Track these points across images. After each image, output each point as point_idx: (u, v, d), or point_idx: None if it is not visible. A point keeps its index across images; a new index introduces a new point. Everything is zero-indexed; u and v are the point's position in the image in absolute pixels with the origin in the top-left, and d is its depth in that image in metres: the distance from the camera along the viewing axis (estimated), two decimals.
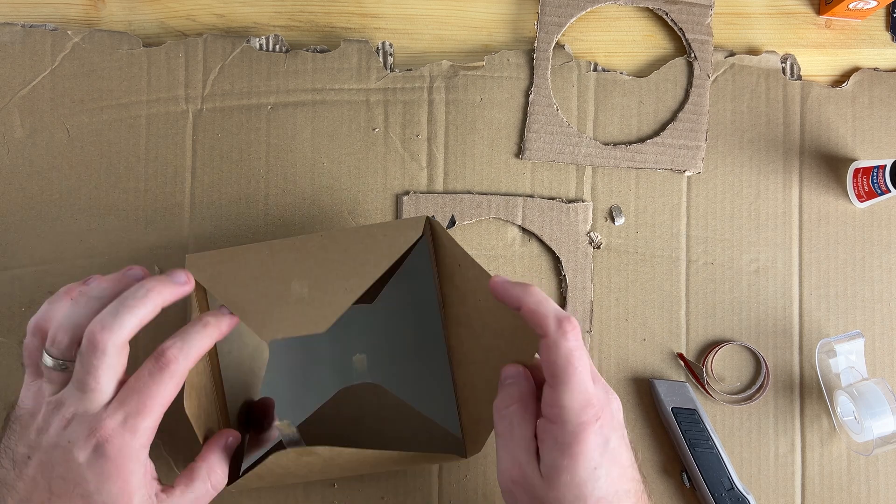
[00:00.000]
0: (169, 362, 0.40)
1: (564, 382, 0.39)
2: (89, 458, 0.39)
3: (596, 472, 0.39)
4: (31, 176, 0.53)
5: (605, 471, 0.39)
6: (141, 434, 0.39)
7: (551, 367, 0.39)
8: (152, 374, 0.39)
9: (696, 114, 0.55)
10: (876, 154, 0.56)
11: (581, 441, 0.38)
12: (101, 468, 0.39)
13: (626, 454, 0.41)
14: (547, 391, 0.40)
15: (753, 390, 0.54)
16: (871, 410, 0.50)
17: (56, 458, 0.39)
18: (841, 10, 0.56)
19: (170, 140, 0.54)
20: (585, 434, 0.38)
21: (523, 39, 0.57)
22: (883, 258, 0.55)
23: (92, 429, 0.39)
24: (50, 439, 0.39)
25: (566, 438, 0.39)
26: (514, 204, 0.54)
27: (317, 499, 0.52)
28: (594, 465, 0.39)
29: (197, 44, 0.54)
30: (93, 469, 0.39)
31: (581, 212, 0.54)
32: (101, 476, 0.39)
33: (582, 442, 0.38)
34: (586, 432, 0.39)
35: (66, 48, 0.54)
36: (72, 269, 0.53)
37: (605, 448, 0.39)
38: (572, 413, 0.39)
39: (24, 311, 0.52)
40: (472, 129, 0.55)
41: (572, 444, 0.38)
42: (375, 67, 0.55)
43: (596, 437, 0.39)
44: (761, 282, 0.55)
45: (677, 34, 0.56)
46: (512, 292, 0.42)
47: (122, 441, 0.39)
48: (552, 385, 0.39)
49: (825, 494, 0.53)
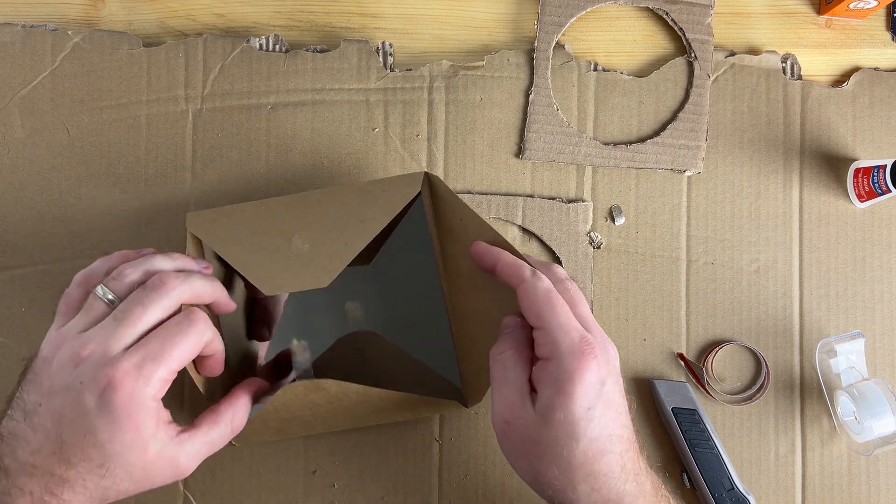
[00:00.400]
0: (199, 319, 0.40)
1: (550, 317, 0.40)
2: (98, 404, 0.38)
3: (590, 412, 0.39)
4: (31, 176, 0.53)
5: (599, 412, 0.39)
6: (153, 383, 0.39)
7: (533, 308, 0.41)
8: (180, 323, 0.40)
9: (697, 114, 0.55)
10: (876, 154, 0.56)
11: (576, 379, 0.39)
12: (111, 415, 0.38)
13: (620, 400, 0.41)
14: (537, 334, 0.41)
15: (754, 390, 0.54)
16: (871, 410, 0.50)
17: (66, 403, 0.38)
18: (841, 9, 0.56)
19: (170, 140, 0.54)
20: (580, 373, 0.39)
21: (523, 39, 0.57)
22: (883, 258, 0.55)
23: (104, 370, 0.38)
24: (62, 381, 0.39)
25: (562, 375, 0.39)
26: (514, 204, 0.54)
27: (317, 499, 0.52)
28: (588, 405, 0.39)
29: (197, 44, 0.54)
30: (103, 416, 0.38)
31: (581, 212, 0.54)
32: (112, 425, 0.38)
33: (577, 380, 0.39)
34: (580, 371, 0.39)
35: (66, 48, 0.54)
36: (72, 268, 0.52)
37: (601, 390, 0.39)
38: (564, 346, 0.39)
39: (24, 310, 0.52)
40: (472, 129, 0.55)
41: (567, 380, 0.39)
42: (375, 67, 0.55)
43: (592, 375, 0.39)
44: (762, 282, 0.55)
45: (677, 34, 0.56)
46: (487, 254, 0.44)
47: (134, 387, 0.38)
48: (539, 325, 0.40)
49: (826, 495, 0.53)
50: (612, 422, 0.40)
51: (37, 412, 0.39)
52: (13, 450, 0.39)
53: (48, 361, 0.40)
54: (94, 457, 0.38)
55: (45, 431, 0.38)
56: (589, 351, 0.39)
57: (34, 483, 0.38)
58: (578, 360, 0.39)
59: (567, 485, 0.39)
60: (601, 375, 0.39)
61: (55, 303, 0.52)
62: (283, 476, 0.52)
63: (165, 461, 0.40)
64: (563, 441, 0.39)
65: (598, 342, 0.40)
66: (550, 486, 0.40)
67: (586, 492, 0.39)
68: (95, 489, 0.39)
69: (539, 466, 0.40)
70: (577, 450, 0.39)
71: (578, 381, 0.39)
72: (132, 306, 0.40)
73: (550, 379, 0.39)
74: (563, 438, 0.39)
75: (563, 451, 0.39)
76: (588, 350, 0.39)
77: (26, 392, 0.40)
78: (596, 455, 0.39)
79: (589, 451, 0.39)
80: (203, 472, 0.52)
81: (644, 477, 0.41)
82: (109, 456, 0.38)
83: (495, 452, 0.53)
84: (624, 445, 0.40)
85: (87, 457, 0.38)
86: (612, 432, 0.40)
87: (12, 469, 0.38)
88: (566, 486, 0.39)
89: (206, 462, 0.50)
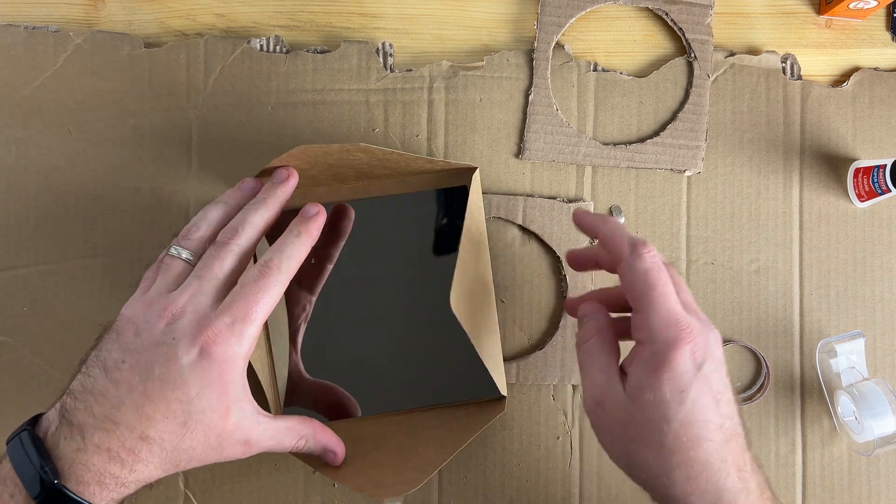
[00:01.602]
0: (272, 271, 0.41)
1: (648, 302, 0.39)
2: (193, 360, 0.39)
3: (682, 394, 0.37)
4: (32, 176, 0.53)
5: (693, 395, 0.37)
6: (245, 340, 0.40)
7: (631, 290, 0.40)
8: (257, 281, 0.41)
9: (696, 114, 0.55)
10: (876, 154, 0.56)
11: (669, 360, 0.37)
12: (205, 371, 0.39)
13: (720, 387, 0.39)
14: (635, 317, 0.40)
15: (754, 390, 0.54)
16: (871, 411, 0.50)
17: (157, 358, 0.39)
18: (841, 9, 0.56)
19: (171, 140, 0.54)
20: (674, 353, 0.38)
21: (523, 39, 0.57)
22: (884, 258, 0.55)
23: (200, 328, 0.39)
24: (152, 337, 0.39)
25: (654, 359, 0.38)
26: (515, 203, 0.54)
27: (317, 499, 0.52)
28: (681, 388, 0.37)
29: (198, 45, 0.54)
30: (195, 371, 0.39)
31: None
32: (204, 380, 0.39)
33: (670, 361, 0.37)
34: (674, 352, 0.38)
35: (68, 49, 0.54)
36: (74, 268, 0.53)
37: (697, 373, 0.38)
38: (659, 332, 0.38)
39: (26, 310, 0.52)
40: (472, 130, 0.55)
41: (659, 364, 0.38)
42: (375, 68, 0.55)
43: (686, 359, 0.38)
44: (762, 282, 0.55)
45: (677, 34, 0.56)
46: (589, 220, 0.44)
47: (228, 345, 0.39)
48: (637, 308, 0.40)
49: (826, 495, 0.53)
50: (709, 408, 0.38)
51: (119, 368, 0.39)
52: (89, 406, 0.38)
53: (133, 320, 0.40)
54: (178, 413, 0.39)
55: (130, 386, 0.38)
56: (685, 335, 0.38)
57: (112, 440, 0.38)
58: (672, 343, 0.38)
59: (661, 470, 0.38)
60: (697, 359, 0.38)
61: (57, 302, 0.52)
62: (283, 475, 0.52)
63: (240, 434, 0.41)
64: (654, 423, 0.38)
65: (696, 326, 0.39)
66: (644, 470, 0.39)
67: (682, 479, 0.38)
68: (172, 451, 0.39)
69: (632, 450, 0.39)
70: (670, 432, 0.37)
71: (671, 362, 0.37)
72: (210, 262, 0.42)
73: (643, 361, 0.39)
74: (655, 420, 0.38)
75: (655, 433, 0.38)
76: (684, 334, 0.38)
77: (106, 350, 0.40)
78: (691, 441, 0.37)
79: (682, 436, 0.37)
80: (203, 471, 0.52)
81: (749, 474, 0.39)
82: (193, 413, 0.39)
83: (495, 452, 0.53)
84: (724, 435, 0.38)
85: (171, 412, 0.38)
86: (708, 418, 0.38)
87: (88, 425, 0.38)
88: (660, 471, 0.38)
89: None
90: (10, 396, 0.52)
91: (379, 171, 0.51)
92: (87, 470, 0.37)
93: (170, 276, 0.42)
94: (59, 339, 0.52)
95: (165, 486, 0.51)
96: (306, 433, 0.45)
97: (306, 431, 0.45)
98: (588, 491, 0.53)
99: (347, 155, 0.47)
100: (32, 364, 0.52)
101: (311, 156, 0.46)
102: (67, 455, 0.37)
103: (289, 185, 0.46)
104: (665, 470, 0.38)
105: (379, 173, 0.51)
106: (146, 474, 0.39)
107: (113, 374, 0.39)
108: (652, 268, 0.40)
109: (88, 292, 0.53)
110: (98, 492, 0.38)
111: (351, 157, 0.47)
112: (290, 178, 0.46)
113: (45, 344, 0.52)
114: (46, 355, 0.52)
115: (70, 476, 0.37)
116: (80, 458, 0.37)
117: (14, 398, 0.49)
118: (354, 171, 0.50)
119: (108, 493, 0.38)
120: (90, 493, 0.37)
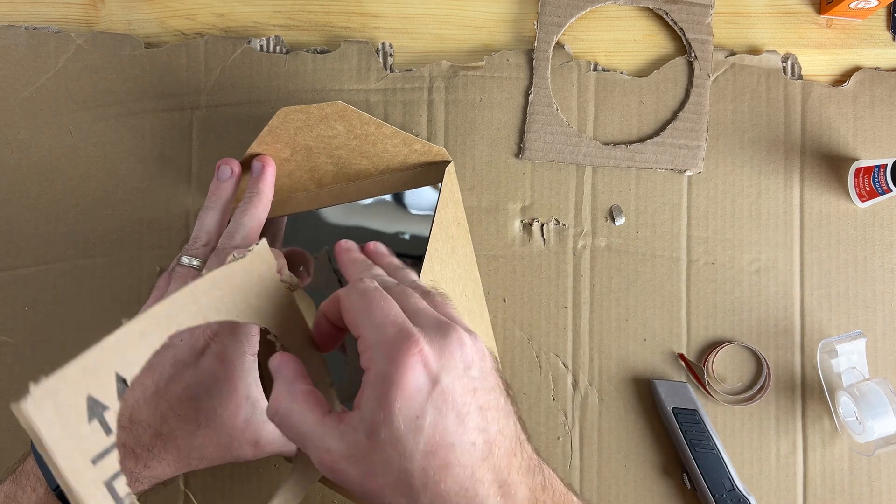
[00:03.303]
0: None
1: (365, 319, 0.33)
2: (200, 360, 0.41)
3: (418, 421, 0.31)
4: (33, 176, 0.53)
5: (430, 419, 0.31)
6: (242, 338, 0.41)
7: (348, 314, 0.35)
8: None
9: (697, 113, 0.55)
10: (877, 153, 0.56)
11: (395, 381, 0.31)
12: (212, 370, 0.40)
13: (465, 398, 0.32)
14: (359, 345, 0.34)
15: (755, 391, 0.54)
16: (872, 411, 0.50)
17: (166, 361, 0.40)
18: (842, 9, 0.55)
19: (171, 141, 0.54)
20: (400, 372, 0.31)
21: (523, 39, 0.57)
22: (885, 258, 0.55)
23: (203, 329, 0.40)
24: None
25: (381, 384, 0.32)
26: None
27: (317, 499, 0.52)
28: (416, 414, 0.31)
29: (198, 45, 0.54)
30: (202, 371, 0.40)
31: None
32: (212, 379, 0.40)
33: (397, 382, 0.31)
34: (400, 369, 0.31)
35: (69, 50, 0.54)
36: (74, 268, 0.53)
37: (433, 389, 0.32)
38: (379, 347, 0.32)
39: (26, 310, 0.52)
40: (472, 130, 0.55)
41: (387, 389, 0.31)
42: (375, 68, 0.55)
43: (416, 375, 0.31)
44: (762, 282, 0.55)
45: (678, 34, 0.56)
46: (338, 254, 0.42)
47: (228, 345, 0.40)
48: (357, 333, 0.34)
49: (827, 495, 0.53)
50: (452, 429, 0.32)
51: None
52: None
53: None
54: (189, 410, 0.40)
55: (143, 387, 0.40)
56: (408, 346, 0.32)
57: (128, 437, 0.39)
58: (395, 361, 0.31)
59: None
60: (432, 372, 0.32)
61: (57, 302, 0.52)
62: (284, 475, 0.52)
63: (250, 433, 0.42)
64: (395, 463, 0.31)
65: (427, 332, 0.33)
66: None
67: None
68: (185, 448, 0.40)
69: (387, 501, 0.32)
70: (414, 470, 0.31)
71: (397, 385, 0.31)
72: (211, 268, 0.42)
73: (371, 391, 0.32)
74: (396, 460, 0.31)
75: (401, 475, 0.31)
76: (407, 345, 0.32)
77: None
78: (439, 473, 0.31)
79: (428, 469, 0.31)
80: (203, 471, 0.52)
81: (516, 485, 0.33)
82: (203, 411, 0.40)
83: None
84: (480, 452, 0.32)
85: (182, 410, 0.40)
86: (454, 442, 0.32)
87: None
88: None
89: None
90: (9, 397, 0.52)
91: (356, 161, 0.50)
92: None
93: (179, 283, 0.44)
94: (59, 339, 0.52)
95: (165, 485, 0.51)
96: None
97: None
98: (588, 491, 0.53)
99: (326, 127, 0.47)
100: (33, 364, 0.52)
101: (290, 133, 0.47)
102: None
103: (267, 175, 0.48)
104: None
105: (356, 164, 0.50)
106: (160, 471, 0.40)
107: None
108: (371, 287, 0.35)
109: (89, 292, 0.53)
110: None
111: (330, 130, 0.47)
112: (265, 167, 0.48)
113: (46, 344, 0.52)
114: (46, 355, 0.52)
115: None
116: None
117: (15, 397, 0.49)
118: (332, 160, 0.50)
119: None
120: None
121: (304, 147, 0.48)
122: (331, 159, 0.50)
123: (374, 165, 0.51)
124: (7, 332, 0.52)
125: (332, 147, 0.49)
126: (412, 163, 0.51)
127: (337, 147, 0.49)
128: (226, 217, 0.47)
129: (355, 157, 0.50)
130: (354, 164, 0.50)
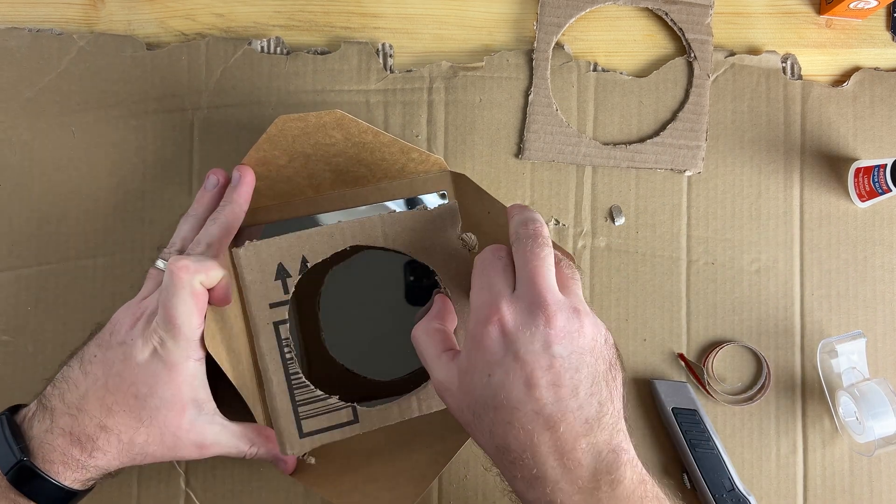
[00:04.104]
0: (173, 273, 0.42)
1: (473, 285, 0.39)
2: (147, 360, 0.42)
3: (490, 378, 0.36)
4: (36, 177, 0.54)
5: (498, 379, 0.35)
6: (182, 343, 0.42)
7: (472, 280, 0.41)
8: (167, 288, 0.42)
9: (697, 113, 0.55)
10: (877, 153, 0.56)
11: (475, 342, 0.37)
12: (156, 370, 0.42)
13: (542, 373, 0.35)
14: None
15: (755, 391, 0.54)
16: (872, 411, 0.50)
17: (118, 356, 0.42)
18: (841, 9, 0.55)
19: (173, 142, 0.54)
20: (479, 335, 0.36)
21: (523, 39, 0.57)
22: (885, 258, 0.55)
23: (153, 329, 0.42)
24: (119, 337, 0.43)
25: (469, 340, 0.38)
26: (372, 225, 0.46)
27: (317, 498, 0.52)
28: (487, 372, 0.36)
29: (199, 47, 0.55)
30: (148, 370, 0.42)
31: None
32: (155, 379, 0.42)
33: (475, 343, 0.37)
34: (480, 333, 0.36)
35: (71, 52, 0.54)
36: (76, 269, 0.53)
37: (505, 355, 0.36)
38: (473, 311, 0.38)
39: (29, 310, 0.53)
40: (472, 130, 0.55)
41: (470, 345, 0.37)
42: (375, 69, 0.55)
43: (491, 341, 0.36)
44: (762, 282, 0.55)
45: (677, 34, 0.56)
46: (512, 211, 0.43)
47: (169, 348, 0.42)
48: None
49: (827, 496, 0.53)
50: (517, 393, 0.35)
51: (92, 361, 0.43)
52: (62, 393, 0.43)
53: (113, 322, 0.45)
54: (134, 408, 0.42)
55: (95, 378, 0.42)
56: (488, 314, 0.37)
57: (75, 424, 0.42)
58: (478, 323, 0.37)
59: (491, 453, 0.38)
60: (509, 340, 0.36)
61: (59, 302, 0.53)
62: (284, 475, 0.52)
63: (195, 435, 0.44)
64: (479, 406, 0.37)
65: (518, 305, 0.37)
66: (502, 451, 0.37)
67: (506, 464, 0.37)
68: (128, 444, 0.43)
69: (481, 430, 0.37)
70: (486, 417, 0.36)
71: (476, 344, 0.37)
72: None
73: (465, 343, 0.38)
74: (471, 403, 0.37)
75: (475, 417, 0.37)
76: (488, 313, 0.37)
77: (87, 346, 0.44)
78: (499, 426, 0.36)
79: (496, 422, 0.36)
80: (204, 470, 0.52)
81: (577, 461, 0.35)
82: (147, 409, 0.42)
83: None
84: (542, 423, 0.35)
85: (127, 406, 0.42)
86: (517, 405, 0.35)
87: (58, 410, 0.42)
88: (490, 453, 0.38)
89: (208, 460, 0.50)
90: (13, 395, 0.52)
91: (354, 168, 0.50)
92: (52, 450, 0.42)
93: (150, 284, 0.46)
94: (60, 339, 0.52)
95: (166, 485, 0.52)
96: (257, 440, 0.46)
97: (257, 439, 0.47)
98: None
99: (324, 135, 0.47)
100: (35, 363, 0.52)
101: (288, 141, 0.47)
102: (37, 435, 0.42)
103: (244, 186, 0.47)
104: (492, 454, 0.37)
105: (354, 171, 0.50)
106: (104, 462, 0.43)
107: (85, 367, 0.43)
108: (486, 258, 0.39)
109: (90, 292, 0.53)
110: (62, 471, 0.42)
111: (327, 138, 0.47)
112: (243, 177, 0.48)
113: (48, 343, 0.52)
114: (49, 354, 0.52)
115: (38, 455, 0.41)
116: (47, 439, 0.42)
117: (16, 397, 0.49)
118: (330, 167, 0.50)
119: (71, 474, 0.42)
120: (56, 472, 0.41)
121: (301, 154, 0.48)
122: (329, 166, 0.50)
123: (371, 173, 0.51)
124: (10, 332, 0.53)
125: (329, 155, 0.49)
126: (410, 171, 0.51)
127: (335, 155, 0.49)
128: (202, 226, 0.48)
129: (353, 165, 0.50)
130: (352, 171, 0.50)
